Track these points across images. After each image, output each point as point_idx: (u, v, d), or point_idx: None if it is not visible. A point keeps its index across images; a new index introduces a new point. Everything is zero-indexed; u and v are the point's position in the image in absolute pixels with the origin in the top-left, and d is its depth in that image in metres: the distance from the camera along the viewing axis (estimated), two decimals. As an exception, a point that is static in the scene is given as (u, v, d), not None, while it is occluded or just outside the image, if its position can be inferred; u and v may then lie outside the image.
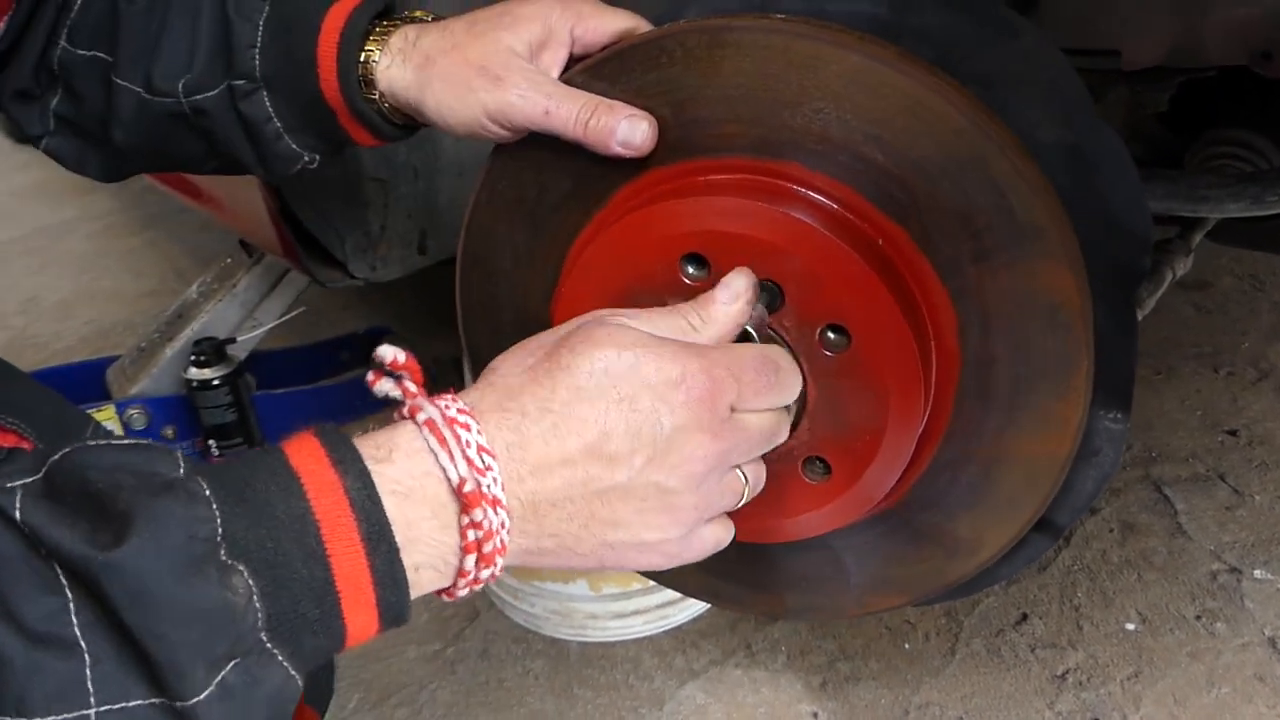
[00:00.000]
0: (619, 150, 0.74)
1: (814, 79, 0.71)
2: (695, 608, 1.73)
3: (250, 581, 0.48)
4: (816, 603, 0.91)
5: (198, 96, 0.86)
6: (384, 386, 0.60)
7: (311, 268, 1.58)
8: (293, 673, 0.50)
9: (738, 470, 0.66)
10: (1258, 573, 1.75)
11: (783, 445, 0.75)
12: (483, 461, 0.55)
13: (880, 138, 0.71)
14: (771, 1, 0.77)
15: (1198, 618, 1.68)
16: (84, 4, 0.91)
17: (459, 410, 0.56)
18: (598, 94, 0.76)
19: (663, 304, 0.73)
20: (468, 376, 1.04)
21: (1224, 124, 1.34)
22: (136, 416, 2.02)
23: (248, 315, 2.11)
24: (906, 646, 1.66)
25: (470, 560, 0.55)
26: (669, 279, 0.74)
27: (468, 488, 0.54)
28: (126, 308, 3.09)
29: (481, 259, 0.88)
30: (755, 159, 0.74)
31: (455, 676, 1.68)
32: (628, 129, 0.74)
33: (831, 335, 0.72)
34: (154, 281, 3.23)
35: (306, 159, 0.89)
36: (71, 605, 0.45)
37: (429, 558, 0.54)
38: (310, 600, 0.50)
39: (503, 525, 0.55)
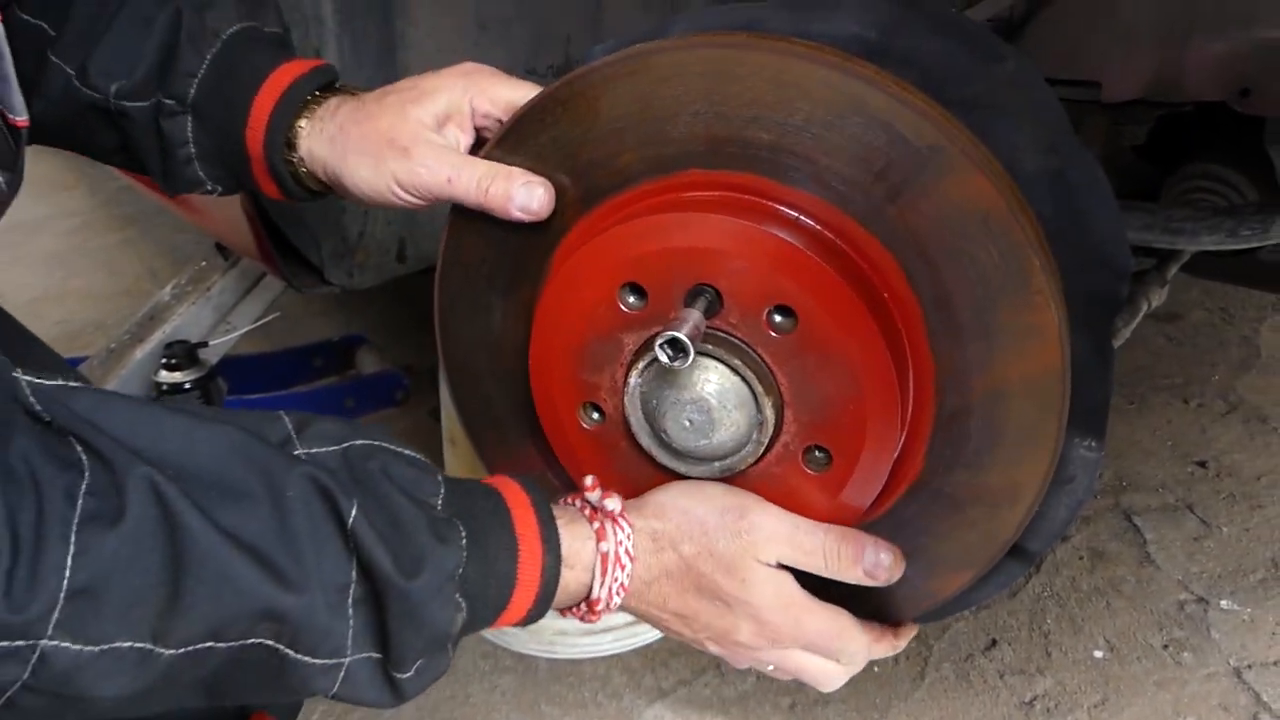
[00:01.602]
0: (518, 215, 0.80)
1: (680, 87, 0.73)
2: (665, 626, 1.72)
3: (464, 615, 0.68)
4: (881, 610, 0.86)
5: (125, 102, 0.89)
6: (593, 498, 0.78)
7: (288, 273, 1.56)
8: (450, 659, 0.69)
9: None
10: (1224, 603, 1.77)
11: (777, 444, 0.76)
12: (619, 595, 0.75)
13: (758, 117, 0.72)
14: (757, 21, 0.78)
15: (1165, 647, 1.69)
16: None
17: (626, 552, 0.75)
18: (499, 162, 0.81)
19: (617, 343, 0.78)
20: (442, 385, 1.04)
21: (1200, 158, 1.36)
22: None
23: (221, 319, 2.08)
24: (876, 670, 1.65)
25: (569, 614, 0.78)
26: (613, 315, 0.77)
27: (599, 607, 0.75)
28: (98, 308, 3.05)
29: (460, 343, 0.91)
30: (656, 179, 0.77)
31: (421, 690, 1.66)
32: (524, 194, 0.79)
33: (778, 318, 0.73)
34: (127, 282, 3.20)
35: (209, 187, 0.94)
36: (352, 589, 0.62)
37: (556, 606, 0.76)
38: (481, 622, 0.71)
39: (597, 619, 0.77)
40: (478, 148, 0.86)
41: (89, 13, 0.90)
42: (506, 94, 0.85)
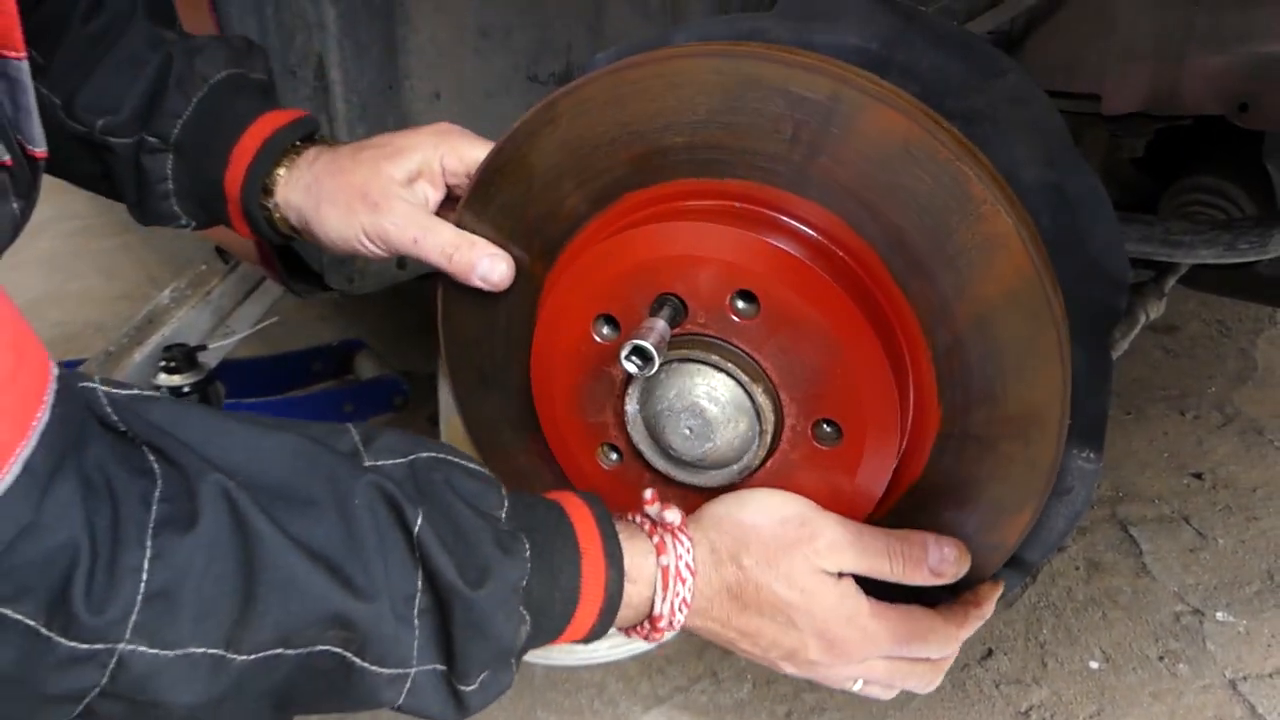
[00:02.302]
0: (479, 284, 0.82)
1: (590, 123, 0.76)
2: (662, 633, 1.72)
3: (528, 628, 0.68)
4: (954, 587, 0.82)
5: (111, 138, 0.91)
6: (652, 511, 0.77)
7: (287, 277, 1.57)
8: (514, 673, 0.69)
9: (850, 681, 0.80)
10: (1220, 615, 1.77)
11: (785, 430, 0.77)
12: (681, 612, 0.73)
13: (668, 125, 0.74)
14: (759, 31, 0.78)
15: (1160, 658, 1.69)
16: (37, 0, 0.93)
17: (687, 566, 0.74)
18: (468, 227, 0.84)
19: (607, 377, 0.80)
20: (441, 390, 1.05)
21: (1198, 171, 1.37)
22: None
23: (220, 323, 2.08)
24: (872, 679, 1.65)
25: (631, 634, 0.77)
26: (594, 350, 0.79)
27: (661, 624, 0.74)
28: (96, 311, 3.05)
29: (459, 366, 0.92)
30: (602, 210, 0.79)
31: (416, 696, 1.66)
32: (487, 266, 0.82)
33: (741, 304, 0.74)
34: (126, 285, 3.20)
35: (182, 221, 0.97)
36: (418, 599, 0.62)
37: (620, 623, 0.75)
38: (545, 637, 0.70)
39: (661, 637, 0.76)
40: (448, 204, 0.89)
41: (81, 47, 0.92)
42: (475, 154, 0.87)
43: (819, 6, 0.77)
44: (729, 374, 0.75)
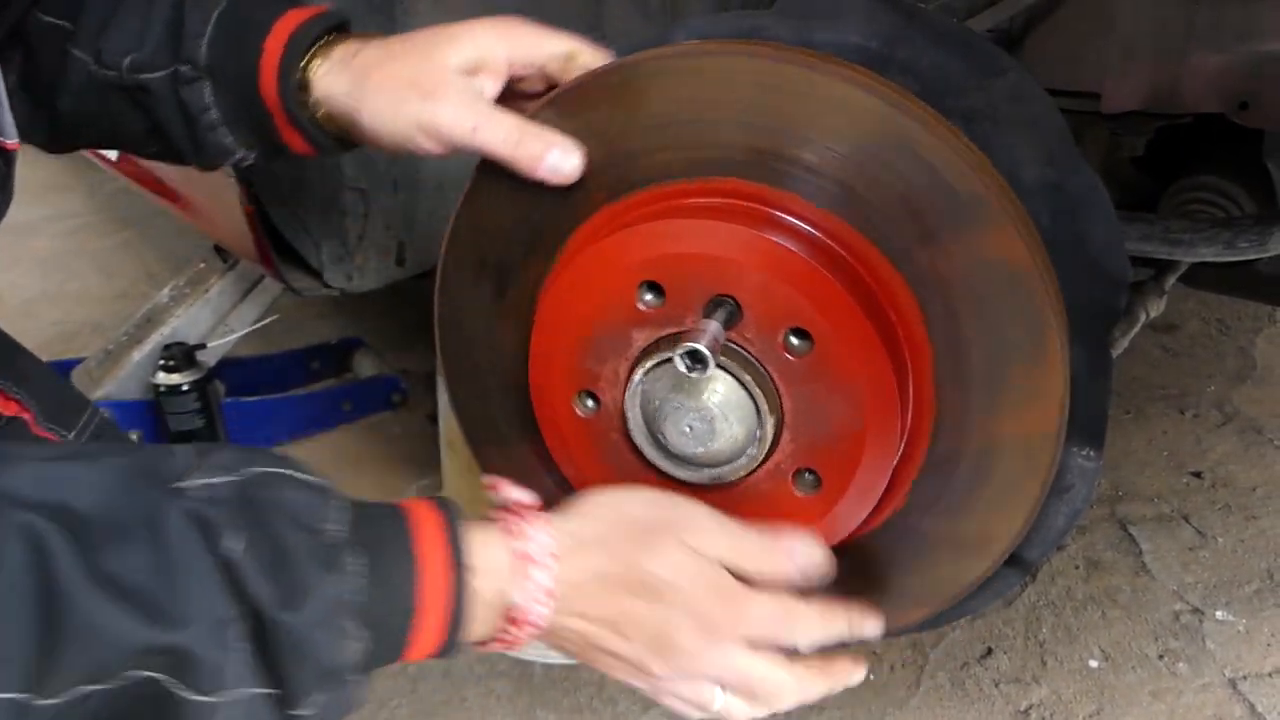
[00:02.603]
0: (545, 175, 0.77)
1: (731, 94, 0.73)
2: (661, 632, 1.72)
3: (366, 645, 0.64)
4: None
5: (141, 75, 0.88)
6: (499, 498, 0.74)
7: (287, 275, 1.56)
8: (362, 690, 0.66)
9: (714, 688, 0.74)
10: (1219, 614, 1.77)
11: (770, 462, 0.76)
12: (544, 603, 0.69)
13: (807, 139, 0.72)
14: (760, 29, 0.78)
15: (1160, 657, 1.69)
16: None
17: (549, 554, 0.70)
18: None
19: (626, 338, 0.77)
20: (440, 389, 1.04)
21: (1198, 170, 1.36)
22: (105, 418, 1.99)
23: (219, 321, 2.08)
24: (871, 677, 1.65)
25: (496, 645, 0.71)
26: (627, 311, 0.76)
27: (521, 618, 0.69)
28: (94, 310, 3.04)
29: (456, 324, 0.90)
30: (695, 181, 0.76)
31: (417, 694, 1.66)
32: (558, 157, 0.77)
33: (794, 340, 0.73)
34: (124, 284, 3.19)
35: (240, 155, 0.91)
36: (236, 625, 0.59)
37: (472, 635, 0.69)
38: (389, 653, 0.66)
39: (530, 636, 0.70)
40: (507, 100, 0.83)
41: (101, 1, 0.91)
42: (549, 47, 0.81)
43: (819, 4, 0.77)
44: (752, 396, 0.74)
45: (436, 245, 0.88)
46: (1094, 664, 1.68)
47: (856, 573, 0.83)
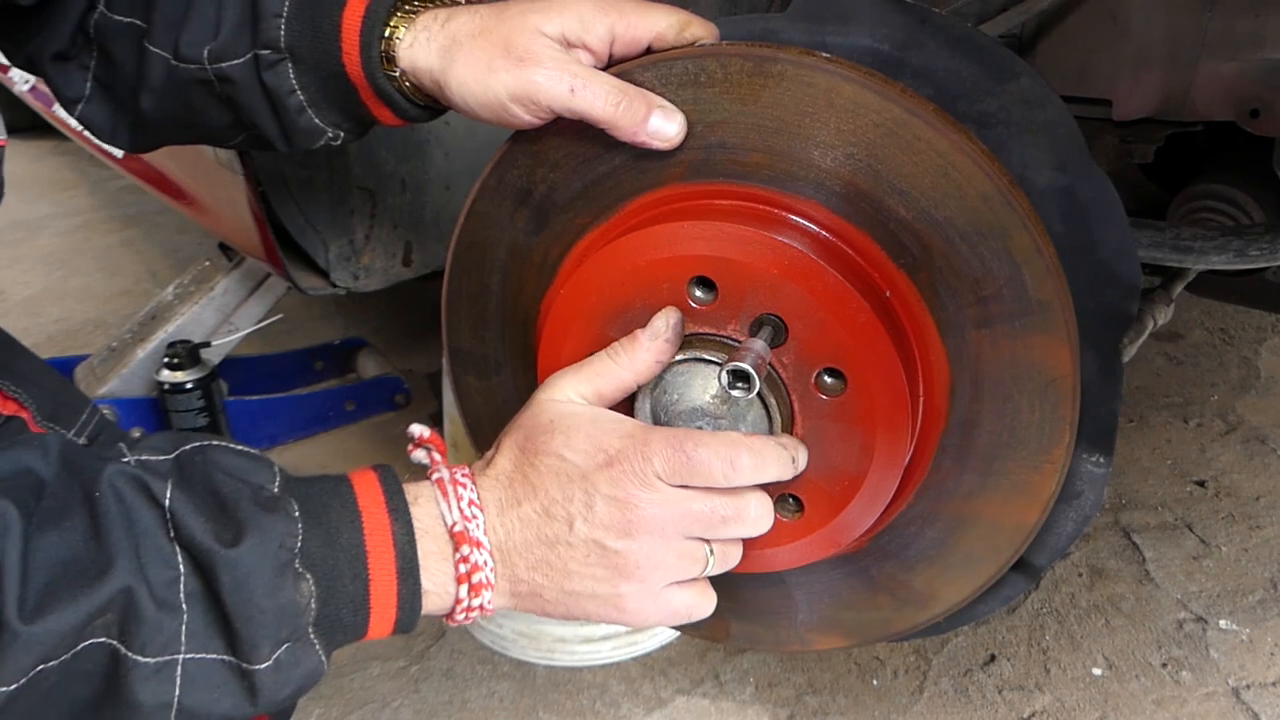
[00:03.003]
0: (646, 139, 0.74)
1: (851, 124, 0.71)
2: (665, 635, 1.72)
3: (313, 588, 0.63)
4: (760, 634, 0.91)
5: (223, 64, 0.85)
6: (418, 456, 0.74)
7: (293, 274, 1.56)
8: (323, 658, 0.65)
9: (702, 543, 0.72)
10: (1223, 623, 1.77)
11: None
12: (471, 512, 0.69)
13: (907, 192, 0.71)
14: (773, 32, 0.78)
15: (1164, 665, 1.68)
16: None
17: (463, 475, 0.71)
18: None
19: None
20: (446, 372, 1.03)
21: (1207, 178, 1.36)
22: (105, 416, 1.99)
23: (224, 320, 2.08)
24: (875, 683, 1.65)
25: (464, 589, 0.69)
26: (674, 299, 0.74)
27: (456, 529, 0.68)
28: (97, 307, 3.04)
29: (478, 244, 0.87)
30: (776, 191, 0.74)
31: (419, 695, 1.65)
32: (661, 119, 0.73)
33: (828, 379, 0.73)
34: (127, 282, 3.20)
35: (330, 135, 0.88)
36: (181, 579, 0.59)
37: (433, 584, 0.68)
38: (349, 609, 0.65)
39: (486, 563, 0.69)
40: None
41: None
42: (652, 20, 0.76)
43: (832, 8, 0.77)
44: (770, 418, 0.75)
45: (444, 246, 0.88)
46: (1097, 672, 1.67)
47: (799, 590, 0.86)
